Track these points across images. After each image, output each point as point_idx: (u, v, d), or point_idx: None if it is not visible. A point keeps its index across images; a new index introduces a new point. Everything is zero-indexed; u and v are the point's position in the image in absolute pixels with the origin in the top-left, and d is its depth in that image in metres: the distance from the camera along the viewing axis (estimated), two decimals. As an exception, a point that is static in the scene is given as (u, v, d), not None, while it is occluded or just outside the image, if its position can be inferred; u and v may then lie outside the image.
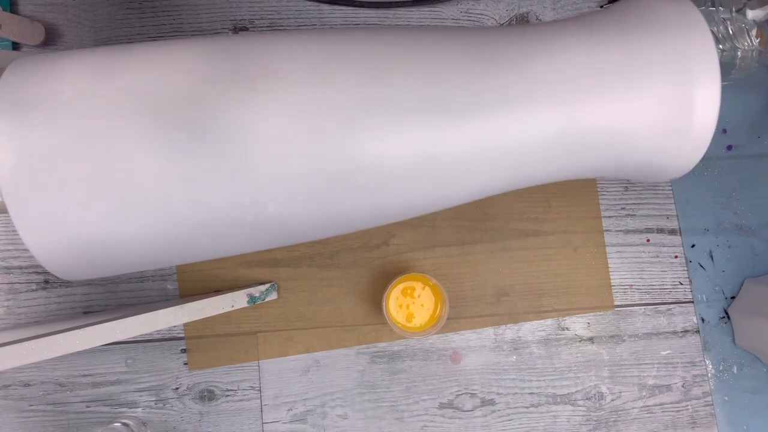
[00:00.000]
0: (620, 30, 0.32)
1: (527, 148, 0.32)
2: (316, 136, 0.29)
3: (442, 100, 0.30)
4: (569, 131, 0.31)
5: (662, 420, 0.50)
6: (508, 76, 0.31)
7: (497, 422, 0.49)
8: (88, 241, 0.29)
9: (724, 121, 0.51)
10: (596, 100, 0.31)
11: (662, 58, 0.30)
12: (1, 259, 0.48)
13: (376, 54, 0.31)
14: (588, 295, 0.50)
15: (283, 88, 0.29)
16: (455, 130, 0.30)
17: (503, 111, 0.31)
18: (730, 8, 0.42)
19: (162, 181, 0.28)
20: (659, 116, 0.31)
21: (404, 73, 0.30)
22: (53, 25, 0.50)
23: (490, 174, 0.32)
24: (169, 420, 0.48)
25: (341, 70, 0.30)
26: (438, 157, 0.31)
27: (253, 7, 0.51)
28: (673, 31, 0.31)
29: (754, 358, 0.50)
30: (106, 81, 0.29)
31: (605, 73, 0.31)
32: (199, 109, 0.28)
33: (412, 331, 0.46)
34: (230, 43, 0.31)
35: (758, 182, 0.51)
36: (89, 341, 0.34)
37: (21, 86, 0.28)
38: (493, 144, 0.31)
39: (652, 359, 0.50)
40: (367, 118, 0.29)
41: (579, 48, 0.32)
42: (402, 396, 0.49)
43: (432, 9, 0.51)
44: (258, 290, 0.47)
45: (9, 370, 0.36)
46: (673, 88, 0.30)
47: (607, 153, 0.32)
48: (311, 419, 0.49)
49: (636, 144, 0.32)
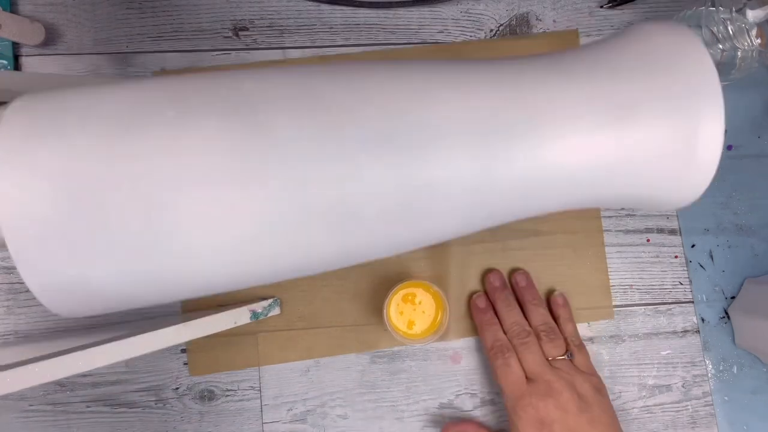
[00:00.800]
0: (624, 62, 0.31)
1: (529, 181, 0.31)
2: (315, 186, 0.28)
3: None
4: (572, 163, 0.31)
5: (662, 420, 0.50)
6: (509, 104, 0.30)
7: (497, 422, 0.49)
8: (95, 289, 0.28)
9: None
10: (600, 132, 0.30)
11: (666, 93, 0.30)
12: (1, 259, 0.48)
13: (396, 91, 0.30)
14: (588, 295, 0.50)
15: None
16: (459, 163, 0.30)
17: (507, 142, 0.30)
18: (730, 8, 0.42)
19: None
20: (663, 150, 0.30)
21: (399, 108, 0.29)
22: (53, 25, 0.50)
23: (488, 208, 0.32)
24: (169, 420, 0.48)
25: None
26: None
27: (253, 7, 0.51)
28: (677, 65, 0.30)
29: (754, 358, 0.50)
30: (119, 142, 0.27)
31: (609, 106, 0.30)
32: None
33: (412, 338, 0.46)
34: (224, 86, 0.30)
35: (758, 182, 0.51)
36: (93, 362, 0.34)
37: (29, 124, 0.27)
38: (499, 176, 0.30)
39: (652, 359, 0.50)
40: (390, 149, 0.29)
41: (578, 79, 0.31)
42: (402, 396, 0.49)
43: (432, 9, 0.51)
44: (261, 306, 0.47)
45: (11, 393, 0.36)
46: (678, 123, 0.30)
47: (609, 186, 0.32)
48: (311, 419, 0.49)
49: (639, 178, 0.31)
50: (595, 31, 0.52)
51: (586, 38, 0.52)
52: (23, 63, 0.49)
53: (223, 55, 0.50)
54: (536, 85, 0.31)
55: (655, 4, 0.52)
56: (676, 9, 0.51)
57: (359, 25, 0.51)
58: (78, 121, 0.27)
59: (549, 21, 0.52)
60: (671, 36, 0.32)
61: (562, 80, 0.31)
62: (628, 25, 0.52)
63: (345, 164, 0.28)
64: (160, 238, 0.27)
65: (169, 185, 0.26)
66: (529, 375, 0.44)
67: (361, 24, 0.51)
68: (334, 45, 0.51)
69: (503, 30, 0.52)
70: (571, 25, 0.52)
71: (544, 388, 0.43)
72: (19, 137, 0.26)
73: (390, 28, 0.51)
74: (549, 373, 0.44)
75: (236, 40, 0.51)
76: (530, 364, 0.44)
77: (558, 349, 0.46)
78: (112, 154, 0.26)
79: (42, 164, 0.26)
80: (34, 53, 0.49)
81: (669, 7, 0.52)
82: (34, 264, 0.26)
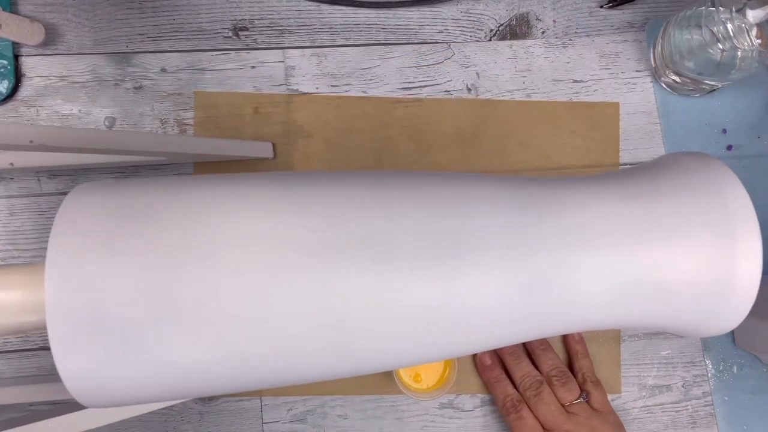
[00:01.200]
0: (657, 186, 0.31)
1: (563, 300, 0.30)
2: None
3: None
4: (602, 286, 0.30)
5: (662, 420, 0.50)
6: (544, 224, 0.30)
7: (498, 422, 0.49)
8: (124, 390, 0.27)
9: (724, 121, 0.51)
10: (632, 254, 0.29)
11: (706, 218, 0.29)
12: (1, 259, 0.48)
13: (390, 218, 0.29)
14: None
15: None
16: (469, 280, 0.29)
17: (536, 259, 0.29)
18: (730, 8, 0.42)
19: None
20: (698, 277, 0.29)
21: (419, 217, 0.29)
22: (53, 25, 0.50)
23: (515, 326, 0.30)
24: (169, 420, 0.48)
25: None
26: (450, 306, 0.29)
27: (253, 7, 0.51)
28: (711, 192, 0.30)
29: (754, 358, 0.50)
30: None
31: (639, 229, 0.29)
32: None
33: (418, 392, 0.46)
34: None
35: (758, 182, 0.51)
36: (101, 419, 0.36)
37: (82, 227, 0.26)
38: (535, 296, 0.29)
39: (652, 359, 0.50)
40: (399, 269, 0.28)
41: (610, 201, 0.30)
42: (402, 396, 0.49)
43: (432, 9, 0.51)
44: None
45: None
46: (713, 250, 0.29)
47: (640, 310, 0.31)
48: (311, 419, 0.49)
49: (673, 304, 0.31)
50: (594, 32, 0.52)
51: (586, 38, 0.52)
52: (23, 63, 0.49)
53: (223, 55, 0.50)
54: (579, 204, 0.30)
55: (654, 4, 0.52)
56: (676, 9, 0.51)
57: (359, 25, 0.51)
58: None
59: (549, 21, 0.52)
60: (703, 165, 0.31)
61: (604, 202, 0.31)
62: (628, 25, 0.52)
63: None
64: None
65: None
66: (545, 426, 0.44)
67: (361, 24, 0.51)
68: (334, 45, 0.51)
69: (503, 30, 0.52)
70: (571, 26, 0.52)
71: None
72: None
73: (390, 28, 0.51)
74: (567, 423, 0.43)
75: (236, 40, 0.51)
76: (546, 416, 0.44)
77: (572, 393, 0.45)
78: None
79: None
80: (34, 53, 0.49)
81: (669, 7, 0.52)
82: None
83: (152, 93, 0.50)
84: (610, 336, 0.50)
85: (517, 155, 0.51)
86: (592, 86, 0.51)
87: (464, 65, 0.51)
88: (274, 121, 0.50)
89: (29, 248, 0.49)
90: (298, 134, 0.50)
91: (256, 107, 0.50)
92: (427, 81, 0.51)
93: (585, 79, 0.51)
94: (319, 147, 0.50)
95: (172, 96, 0.50)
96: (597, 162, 0.51)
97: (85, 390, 0.26)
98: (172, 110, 0.50)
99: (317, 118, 0.50)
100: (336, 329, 0.27)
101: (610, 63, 0.52)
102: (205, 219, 0.27)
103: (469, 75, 0.51)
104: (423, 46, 0.51)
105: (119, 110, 0.49)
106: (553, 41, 0.52)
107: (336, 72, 0.51)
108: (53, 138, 0.36)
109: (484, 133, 0.51)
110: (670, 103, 0.51)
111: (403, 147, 0.51)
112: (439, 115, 0.51)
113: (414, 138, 0.51)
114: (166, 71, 0.50)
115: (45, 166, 0.46)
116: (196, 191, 0.29)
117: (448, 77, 0.51)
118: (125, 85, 0.50)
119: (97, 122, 0.49)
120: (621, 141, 0.51)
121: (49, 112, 0.49)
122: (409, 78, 0.51)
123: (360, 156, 0.50)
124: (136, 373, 0.26)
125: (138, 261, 0.26)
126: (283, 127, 0.50)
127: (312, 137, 0.50)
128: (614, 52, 0.52)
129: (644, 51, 0.52)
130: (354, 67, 0.51)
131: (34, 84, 0.49)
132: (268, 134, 0.50)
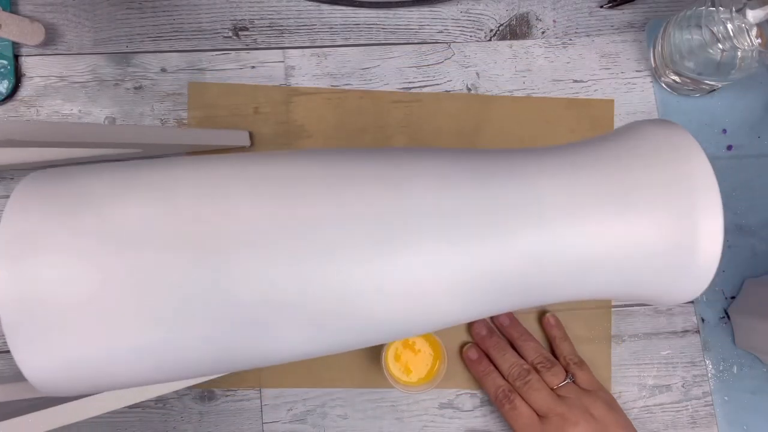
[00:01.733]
0: (618, 156, 0.31)
1: (512, 271, 0.30)
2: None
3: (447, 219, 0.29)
4: (561, 254, 0.30)
5: (662, 420, 0.50)
6: (504, 192, 0.30)
7: (497, 422, 0.49)
8: (85, 374, 0.27)
9: (724, 121, 0.51)
10: (593, 224, 0.30)
11: (662, 189, 0.29)
12: None
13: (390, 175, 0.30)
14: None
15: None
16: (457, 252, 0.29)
17: (493, 231, 0.29)
18: (730, 8, 0.42)
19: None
20: (658, 247, 0.30)
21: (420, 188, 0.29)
22: (53, 25, 0.50)
23: (470, 298, 0.31)
24: (169, 420, 0.48)
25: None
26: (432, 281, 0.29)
27: (253, 7, 0.51)
28: (672, 161, 0.30)
29: (754, 358, 0.50)
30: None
31: (602, 198, 0.30)
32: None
33: (407, 385, 0.46)
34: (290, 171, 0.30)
35: (758, 182, 0.51)
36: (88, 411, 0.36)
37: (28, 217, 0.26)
38: (481, 267, 0.29)
39: (652, 359, 0.50)
40: (386, 244, 0.28)
41: (569, 171, 0.30)
42: (402, 396, 0.49)
43: (432, 9, 0.51)
44: None
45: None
46: (674, 220, 0.29)
47: (602, 280, 0.31)
48: (311, 419, 0.49)
49: (635, 274, 0.31)
50: (594, 32, 0.52)
51: (586, 38, 0.52)
52: (23, 63, 0.49)
53: (223, 55, 0.50)
54: (542, 173, 0.31)
55: (654, 4, 0.52)
56: (677, 9, 0.51)
57: (359, 25, 0.51)
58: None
59: (549, 21, 0.52)
60: (664, 131, 0.31)
61: (566, 171, 0.31)
62: (628, 25, 0.52)
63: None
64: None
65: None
66: (540, 413, 0.44)
67: (361, 24, 0.51)
68: (334, 45, 0.51)
69: (503, 30, 0.52)
70: (571, 26, 0.52)
71: (558, 422, 0.43)
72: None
73: (390, 28, 0.51)
74: (559, 406, 0.43)
75: (236, 40, 0.51)
76: (538, 402, 0.44)
77: (558, 376, 0.45)
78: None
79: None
80: (34, 53, 0.49)
81: (669, 7, 0.52)
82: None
83: (152, 93, 0.50)
84: (601, 336, 0.50)
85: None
86: (592, 86, 0.51)
87: (464, 65, 0.51)
88: (274, 121, 0.50)
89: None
90: (298, 134, 0.50)
91: (256, 107, 0.50)
92: (427, 81, 0.51)
93: (585, 79, 0.51)
94: (320, 146, 0.50)
95: (172, 96, 0.50)
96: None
97: (47, 380, 0.27)
98: (172, 110, 0.50)
99: (317, 118, 0.50)
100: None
101: (610, 63, 0.52)
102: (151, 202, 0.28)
103: (469, 75, 0.51)
104: (423, 46, 0.51)
105: (119, 110, 0.49)
106: (553, 41, 0.52)
107: (336, 72, 0.51)
108: (28, 134, 0.36)
109: (484, 132, 0.51)
110: (670, 103, 0.51)
111: (403, 146, 0.50)
112: (439, 114, 0.51)
113: (414, 138, 0.51)
114: (166, 71, 0.50)
115: (41, 162, 0.46)
116: (147, 173, 0.29)
117: (448, 77, 0.51)
118: (125, 85, 0.50)
119: (97, 122, 0.49)
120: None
121: (49, 112, 0.49)
122: (409, 78, 0.51)
123: (360, 156, 0.50)
124: (92, 359, 0.26)
125: (85, 246, 0.26)
126: (283, 127, 0.50)
127: (312, 137, 0.50)
128: (614, 52, 0.52)
129: (644, 51, 0.52)
130: (354, 67, 0.51)
131: (34, 84, 0.49)
132: (268, 134, 0.50)
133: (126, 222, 0.27)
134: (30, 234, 0.26)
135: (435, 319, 0.31)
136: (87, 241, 0.26)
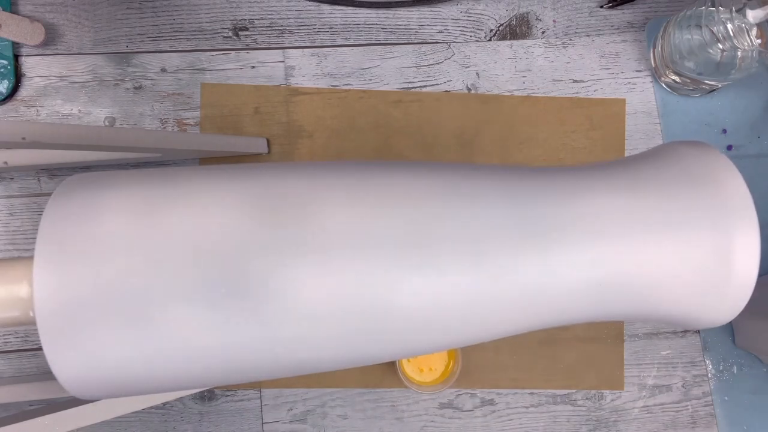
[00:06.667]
0: (659, 178, 0.31)
1: (558, 289, 0.30)
2: (356, 295, 0.28)
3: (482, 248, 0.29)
4: (602, 276, 0.30)
5: (662, 420, 0.50)
6: (547, 213, 0.30)
7: (497, 422, 0.49)
8: (117, 378, 0.28)
9: (724, 121, 0.51)
10: (632, 247, 0.29)
11: (700, 212, 0.29)
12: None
13: (422, 208, 0.29)
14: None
15: (329, 245, 0.28)
16: (492, 275, 0.29)
17: (538, 249, 0.29)
18: (730, 8, 0.42)
19: (195, 330, 0.27)
20: (695, 269, 0.29)
21: (446, 219, 0.29)
22: (53, 25, 0.50)
23: (512, 317, 0.31)
24: (169, 420, 0.48)
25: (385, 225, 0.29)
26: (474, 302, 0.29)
27: (253, 7, 0.51)
28: (710, 184, 0.30)
29: (754, 358, 0.50)
30: (148, 224, 0.28)
31: (640, 221, 0.30)
32: (240, 265, 0.27)
33: (421, 385, 0.46)
34: (276, 181, 0.30)
35: (758, 182, 0.51)
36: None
37: (65, 222, 0.27)
38: (525, 286, 0.29)
39: (652, 359, 0.50)
40: (410, 270, 0.28)
41: (610, 193, 0.30)
42: (402, 396, 0.49)
43: (432, 9, 0.51)
44: None
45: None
46: (711, 242, 0.29)
47: (638, 301, 0.31)
48: (311, 419, 0.49)
49: (670, 296, 0.31)
50: (594, 32, 0.52)
51: (586, 38, 0.52)
52: (23, 63, 0.49)
53: (223, 55, 0.50)
54: (584, 193, 0.30)
55: (654, 4, 0.52)
56: (677, 9, 0.51)
57: (359, 25, 0.51)
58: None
59: (549, 21, 0.52)
60: (704, 157, 0.31)
61: (607, 192, 0.31)
62: (628, 25, 0.52)
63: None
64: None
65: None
66: None
67: (361, 24, 0.51)
68: (334, 45, 0.51)
69: (503, 30, 0.52)
70: (571, 26, 0.52)
71: None
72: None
73: (390, 28, 0.51)
74: None
75: (236, 40, 0.51)
76: None
77: None
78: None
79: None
80: (34, 53, 0.49)
81: (669, 7, 0.52)
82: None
83: (152, 93, 0.50)
84: (613, 334, 0.50)
85: (518, 154, 0.51)
86: (592, 86, 0.51)
87: (464, 65, 0.51)
88: (275, 121, 0.50)
89: (29, 248, 0.49)
90: (298, 134, 0.50)
91: (257, 107, 0.50)
92: (427, 81, 0.51)
93: (585, 79, 0.51)
94: (320, 146, 0.50)
95: (172, 96, 0.50)
96: (599, 161, 0.51)
97: (78, 380, 0.27)
98: (172, 110, 0.50)
99: (317, 117, 0.50)
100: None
101: (610, 63, 0.52)
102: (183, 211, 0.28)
103: (469, 75, 0.51)
104: (423, 46, 0.51)
105: (119, 110, 0.49)
106: (553, 41, 0.52)
107: (336, 72, 0.51)
108: (46, 135, 0.36)
109: (485, 133, 0.51)
110: (670, 103, 0.51)
111: (403, 146, 0.51)
112: (439, 114, 0.51)
113: (414, 137, 0.51)
114: (166, 71, 0.50)
115: (41, 165, 0.46)
116: (189, 183, 0.29)
117: (448, 77, 0.51)
118: (125, 85, 0.50)
119: (97, 122, 0.49)
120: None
121: (49, 112, 0.49)
122: (409, 78, 0.51)
123: (360, 155, 0.50)
124: (131, 358, 0.27)
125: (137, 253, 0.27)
126: (283, 127, 0.50)
127: (312, 137, 0.50)
128: (614, 52, 0.52)
129: (644, 51, 0.52)
130: (354, 67, 0.51)
131: (34, 84, 0.49)
132: (269, 134, 0.50)
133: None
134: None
135: (496, 332, 0.31)
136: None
